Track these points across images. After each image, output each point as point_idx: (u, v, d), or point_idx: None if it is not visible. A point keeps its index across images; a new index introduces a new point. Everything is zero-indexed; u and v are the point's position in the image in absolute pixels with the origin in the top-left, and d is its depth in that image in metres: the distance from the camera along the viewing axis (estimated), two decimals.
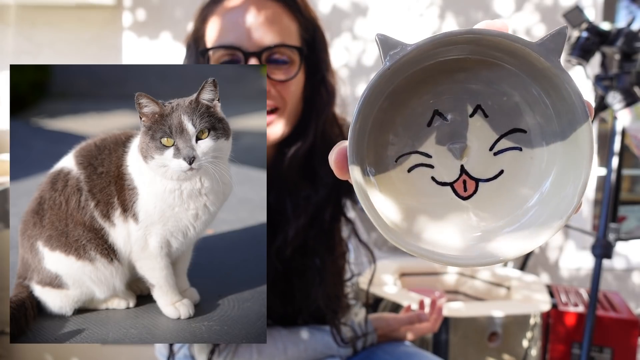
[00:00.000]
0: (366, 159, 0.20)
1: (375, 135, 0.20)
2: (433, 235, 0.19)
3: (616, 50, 0.99)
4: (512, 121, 0.19)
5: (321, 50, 0.48)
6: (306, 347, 0.50)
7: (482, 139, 0.20)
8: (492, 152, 0.19)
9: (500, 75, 0.19)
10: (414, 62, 0.19)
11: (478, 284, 1.10)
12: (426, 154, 0.20)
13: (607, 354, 0.99)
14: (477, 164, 0.20)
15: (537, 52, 0.18)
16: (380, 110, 0.20)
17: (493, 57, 0.19)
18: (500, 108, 0.19)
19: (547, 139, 0.19)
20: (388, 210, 0.19)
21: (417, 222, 0.20)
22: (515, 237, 0.19)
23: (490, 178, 0.19)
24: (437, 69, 0.19)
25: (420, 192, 0.20)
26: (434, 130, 0.20)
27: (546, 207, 0.18)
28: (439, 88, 0.20)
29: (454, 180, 0.20)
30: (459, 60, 0.19)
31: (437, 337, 0.87)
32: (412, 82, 0.20)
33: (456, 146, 0.19)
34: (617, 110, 0.99)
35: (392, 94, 0.20)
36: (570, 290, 1.12)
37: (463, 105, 0.19)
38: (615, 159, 1.00)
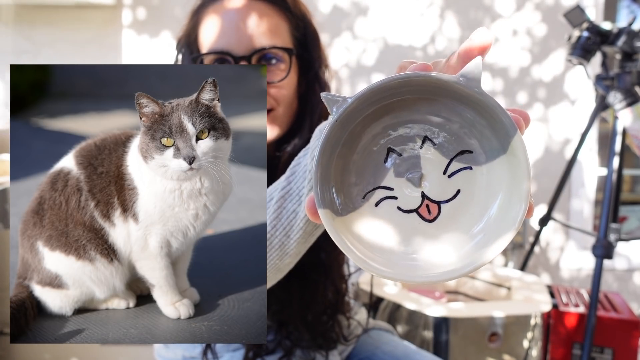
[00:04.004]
0: (335, 201, 0.22)
1: (340, 180, 0.22)
2: (408, 256, 0.22)
3: (617, 50, 0.99)
4: (458, 145, 0.22)
5: (313, 47, 0.48)
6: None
7: (436, 165, 0.22)
8: (447, 175, 0.22)
9: (438, 108, 0.22)
10: (358, 111, 0.22)
11: (478, 284, 1.09)
12: (388, 187, 0.22)
13: (608, 355, 0.99)
14: (436, 189, 0.22)
15: (458, 84, 0.21)
16: (339, 156, 0.22)
17: (427, 94, 0.22)
18: (445, 135, 0.22)
19: (491, 155, 0.22)
20: (362, 242, 0.22)
21: (391, 248, 0.22)
22: (482, 244, 0.21)
23: (450, 198, 0.22)
24: (382, 112, 0.22)
25: (389, 222, 0.22)
26: (391, 166, 0.22)
27: (503, 213, 0.21)
28: (388, 128, 0.22)
29: (418, 206, 0.22)
30: (400, 101, 0.22)
31: (438, 337, 0.87)
32: (363, 127, 0.22)
33: (414, 175, 0.22)
34: (618, 110, 0.99)
35: (347, 141, 0.22)
36: (570, 290, 1.12)
37: (412, 139, 0.22)
38: (616, 159, 1.00)
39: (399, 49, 1.43)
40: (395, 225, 0.22)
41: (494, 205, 0.21)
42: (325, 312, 0.50)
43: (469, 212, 0.22)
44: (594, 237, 0.98)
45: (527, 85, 1.47)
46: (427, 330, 0.89)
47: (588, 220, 1.50)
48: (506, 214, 0.21)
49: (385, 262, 0.22)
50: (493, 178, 0.22)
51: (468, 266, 0.21)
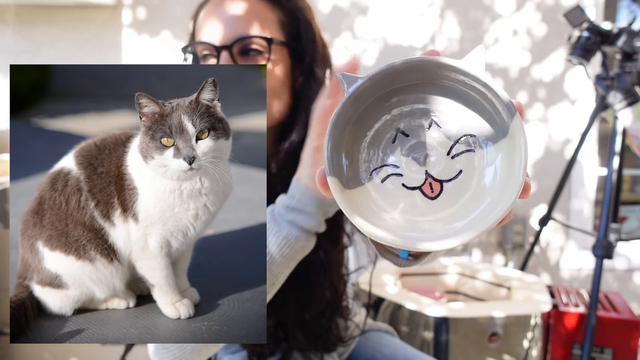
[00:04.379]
0: (344, 174, 0.24)
1: (350, 155, 0.24)
2: (411, 228, 0.24)
3: (617, 50, 0.99)
4: (463, 128, 0.24)
5: (307, 41, 0.47)
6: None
7: (440, 147, 0.24)
8: (450, 156, 0.24)
9: (445, 92, 0.24)
10: (370, 91, 0.24)
11: (478, 284, 1.09)
12: (395, 165, 0.24)
13: (608, 355, 0.99)
14: (439, 168, 0.24)
15: (464, 68, 0.23)
16: (350, 133, 0.24)
17: (436, 79, 0.24)
18: (451, 118, 0.24)
19: (492, 138, 0.24)
20: (365, 214, 0.24)
21: (395, 219, 0.24)
22: (477, 221, 0.23)
23: (452, 178, 0.24)
24: (392, 94, 0.24)
25: (394, 197, 0.24)
26: (398, 145, 0.24)
27: (500, 190, 0.23)
28: (397, 110, 0.24)
29: (422, 184, 0.24)
30: (409, 85, 0.24)
31: (438, 337, 0.87)
32: (374, 107, 0.24)
33: (419, 155, 0.24)
34: (618, 110, 0.99)
35: (358, 120, 0.24)
36: (571, 290, 1.12)
37: (419, 121, 0.24)
38: (616, 159, 1.00)
39: (399, 49, 1.43)
40: (399, 200, 0.24)
41: (492, 185, 0.23)
42: (323, 314, 0.50)
43: (469, 191, 0.24)
44: (594, 237, 0.98)
45: (527, 85, 1.47)
46: (427, 331, 0.89)
47: (588, 220, 1.50)
48: (503, 193, 0.23)
49: (389, 232, 0.23)
50: (493, 160, 0.23)
51: (462, 239, 0.22)
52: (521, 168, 0.22)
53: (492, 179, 0.23)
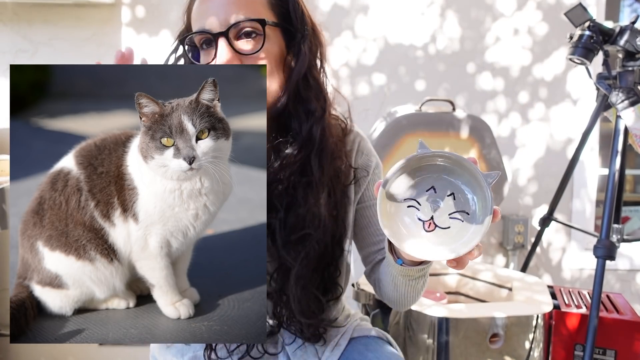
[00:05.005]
0: (390, 191, 0.41)
1: (400, 186, 0.41)
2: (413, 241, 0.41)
3: (619, 49, 0.99)
4: (465, 206, 0.40)
5: (297, 20, 0.51)
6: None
7: (447, 208, 0.40)
8: (449, 216, 0.40)
9: (465, 179, 0.41)
10: (423, 158, 0.40)
11: (479, 285, 1.09)
12: (418, 202, 0.41)
13: (610, 356, 0.99)
14: (440, 218, 0.41)
15: (479, 174, 0.39)
16: (406, 175, 0.41)
17: (459, 166, 0.40)
18: (461, 196, 0.40)
19: (476, 217, 0.40)
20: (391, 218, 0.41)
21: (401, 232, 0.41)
22: (450, 250, 0.40)
23: (443, 228, 0.40)
24: (434, 167, 0.41)
25: (407, 219, 0.41)
26: (427, 194, 0.41)
27: (471, 241, 0.40)
28: (434, 175, 0.41)
29: (426, 220, 0.41)
30: (442, 165, 0.41)
31: (438, 338, 0.87)
32: (421, 169, 0.41)
33: (434, 205, 0.40)
34: (620, 110, 0.98)
35: (414, 171, 0.41)
36: (572, 291, 1.12)
37: (445, 189, 0.41)
38: (618, 158, 0.99)
39: (399, 48, 1.43)
40: (409, 222, 0.41)
41: (468, 236, 0.40)
42: (322, 273, 0.53)
43: (451, 237, 0.40)
44: (596, 238, 0.97)
45: (529, 84, 1.47)
46: (427, 331, 0.88)
47: (590, 221, 1.50)
48: (472, 241, 0.39)
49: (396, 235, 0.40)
50: (473, 226, 0.40)
51: (437, 256, 0.40)
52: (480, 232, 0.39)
53: (469, 234, 0.40)
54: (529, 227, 1.45)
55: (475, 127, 1.11)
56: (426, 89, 1.44)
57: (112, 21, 1.37)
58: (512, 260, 1.47)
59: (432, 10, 1.43)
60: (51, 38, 1.36)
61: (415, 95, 1.42)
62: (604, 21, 1.43)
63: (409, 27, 1.43)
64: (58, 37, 1.36)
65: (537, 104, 1.47)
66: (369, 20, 1.42)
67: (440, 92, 1.44)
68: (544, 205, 1.44)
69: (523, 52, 1.46)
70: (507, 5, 1.44)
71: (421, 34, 1.43)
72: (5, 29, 1.34)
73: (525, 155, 1.48)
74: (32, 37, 1.36)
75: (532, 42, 1.46)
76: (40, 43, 1.36)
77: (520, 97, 1.47)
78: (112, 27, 1.37)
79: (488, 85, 1.46)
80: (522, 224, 1.44)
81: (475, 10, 1.44)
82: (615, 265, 1.48)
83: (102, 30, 1.37)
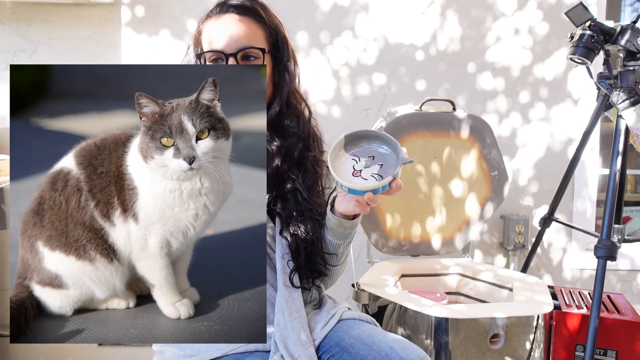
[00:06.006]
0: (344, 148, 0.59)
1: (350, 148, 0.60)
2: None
3: (620, 48, 0.98)
4: (383, 170, 0.57)
5: (283, 47, 0.68)
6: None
7: (373, 169, 0.57)
8: (371, 174, 0.57)
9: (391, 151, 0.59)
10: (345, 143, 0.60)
11: (480, 285, 1.09)
12: (359, 158, 0.58)
13: (611, 357, 0.98)
14: (365, 173, 0.57)
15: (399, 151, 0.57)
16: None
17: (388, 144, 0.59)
18: (385, 164, 0.57)
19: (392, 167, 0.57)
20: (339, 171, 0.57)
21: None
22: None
23: (364, 179, 0.56)
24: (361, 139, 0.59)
25: (346, 166, 0.57)
26: (366, 158, 0.58)
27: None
28: (374, 146, 0.59)
29: (356, 170, 0.57)
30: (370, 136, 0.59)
31: (439, 338, 0.87)
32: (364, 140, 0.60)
33: (366, 164, 0.57)
34: (621, 110, 0.98)
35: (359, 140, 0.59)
36: (573, 291, 1.11)
37: (378, 159, 0.58)
38: (619, 158, 0.99)
39: (399, 47, 1.43)
40: (347, 168, 0.57)
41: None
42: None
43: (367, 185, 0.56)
44: (597, 238, 0.97)
45: (529, 84, 1.46)
46: (427, 331, 0.88)
47: (591, 221, 1.50)
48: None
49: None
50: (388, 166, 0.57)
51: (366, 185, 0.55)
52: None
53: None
54: (529, 227, 1.44)
55: (476, 127, 1.11)
56: (426, 88, 1.44)
57: (112, 21, 1.37)
58: (512, 260, 1.46)
59: (433, 10, 1.43)
60: (50, 37, 1.36)
61: (415, 95, 1.42)
62: (605, 20, 1.43)
63: (410, 26, 1.43)
64: (57, 37, 1.36)
65: (538, 103, 1.47)
66: (369, 20, 1.42)
67: (441, 92, 1.44)
68: (545, 206, 1.44)
69: (524, 52, 1.46)
70: (508, 4, 1.44)
71: (421, 33, 1.43)
72: (4, 29, 1.34)
73: (526, 155, 1.48)
74: (31, 37, 1.36)
75: (533, 41, 1.45)
76: (39, 43, 1.36)
77: (521, 97, 1.47)
78: (112, 27, 1.37)
79: (488, 85, 1.46)
80: (523, 224, 1.43)
81: (476, 10, 1.44)
82: (616, 265, 1.48)
83: (102, 30, 1.37)
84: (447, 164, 1.11)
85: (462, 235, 1.16)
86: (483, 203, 1.14)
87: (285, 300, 0.58)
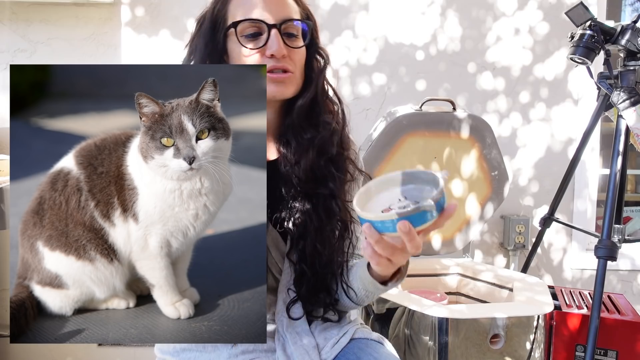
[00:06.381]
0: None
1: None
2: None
3: (621, 48, 0.98)
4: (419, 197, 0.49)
5: (314, 29, 0.62)
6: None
7: (402, 203, 0.49)
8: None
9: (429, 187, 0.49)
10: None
11: (480, 285, 1.09)
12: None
13: (611, 357, 0.98)
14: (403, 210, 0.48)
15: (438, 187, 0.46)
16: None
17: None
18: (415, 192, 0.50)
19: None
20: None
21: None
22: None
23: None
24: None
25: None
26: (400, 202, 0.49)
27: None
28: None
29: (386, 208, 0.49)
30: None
31: (439, 338, 0.87)
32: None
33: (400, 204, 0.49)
34: (622, 110, 0.98)
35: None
36: (574, 292, 1.11)
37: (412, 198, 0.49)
38: (619, 158, 0.99)
39: (400, 47, 1.43)
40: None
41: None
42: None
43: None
44: (597, 238, 0.97)
45: (530, 84, 1.46)
46: (427, 332, 0.88)
47: (591, 221, 1.49)
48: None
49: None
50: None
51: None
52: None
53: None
54: (529, 227, 1.44)
55: (476, 127, 1.11)
56: (427, 88, 1.44)
57: (112, 20, 1.37)
58: (513, 260, 1.46)
59: (433, 10, 1.43)
60: (50, 37, 1.36)
61: (415, 95, 1.42)
62: (605, 20, 1.43)
63: (410, 26, 1.43)
64: (57, 37, 1.36)
65: (538, 103, 1.47)
66: (369, 19, 1.42)
67: (441, 92, 1.44)
68: (545, 206, 1.44)
69: (524, 52, 1.46)
70: (508, 4, 1.44)
71: (422, 33, 1.43)
72: (4, 29, 1.34)
73: (526, 155, 1.48)
74: (31, 37, 1.36)
75: (533, 41, 1.45)
76: (39, 42, 1.36)
77: (521, 96, 1.47)
78: (112, 27, 1.37)
79: (489, 85, 1.46)
80: (523, 224, 1.43)
81: (476, 10, 1.44)
82: (616, 265, 1.48)
83: (101, 30, 1.37)
84: (447, 164, 1.11)
85: (462, 236, 1.16)
86: (483, 203, 1.14)
87: (286, 328, 0.57)
